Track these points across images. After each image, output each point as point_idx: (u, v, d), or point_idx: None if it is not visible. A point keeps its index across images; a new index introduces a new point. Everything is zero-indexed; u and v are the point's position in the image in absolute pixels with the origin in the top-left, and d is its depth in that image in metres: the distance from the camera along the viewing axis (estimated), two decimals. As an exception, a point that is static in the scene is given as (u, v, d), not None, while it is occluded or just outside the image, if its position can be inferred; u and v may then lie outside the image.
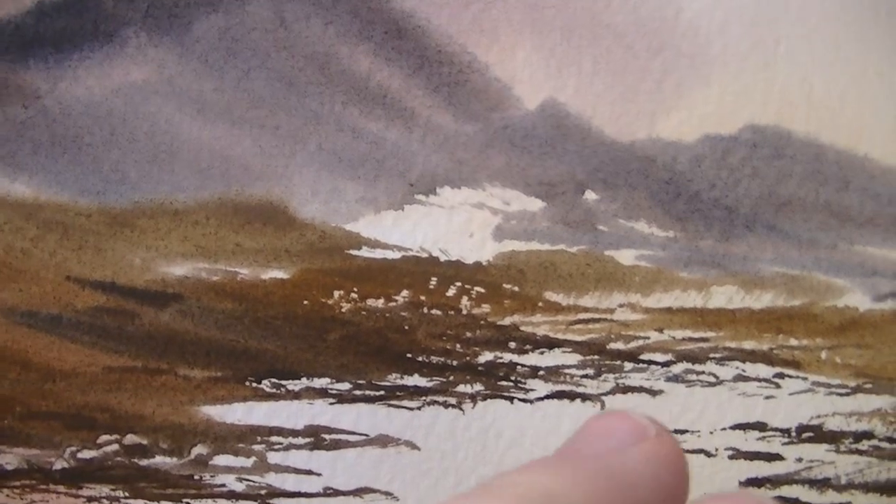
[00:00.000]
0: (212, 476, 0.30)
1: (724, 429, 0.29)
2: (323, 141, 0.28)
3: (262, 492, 0.29)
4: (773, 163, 0.29)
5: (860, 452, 0.29)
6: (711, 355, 0.29)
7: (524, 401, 0.29)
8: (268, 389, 0.29)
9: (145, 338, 0.29)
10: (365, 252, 0.29)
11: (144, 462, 0.29)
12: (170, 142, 0.29)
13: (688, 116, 0.28)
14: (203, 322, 0.29)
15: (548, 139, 0.28)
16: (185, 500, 0.30)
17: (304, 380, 0.29)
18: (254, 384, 0.29)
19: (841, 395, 0.29)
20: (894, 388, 0.29)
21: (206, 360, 0.29)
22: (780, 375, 0.29)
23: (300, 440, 0.29)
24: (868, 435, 0.29)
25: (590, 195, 0.28)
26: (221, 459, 0.29)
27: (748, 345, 0.29)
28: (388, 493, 0.29)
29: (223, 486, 0.30)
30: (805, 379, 0.29)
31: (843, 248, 0.29)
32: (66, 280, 0.29)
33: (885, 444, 0.29)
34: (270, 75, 0.28)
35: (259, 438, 0.29)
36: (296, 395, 0.29)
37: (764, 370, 0.29)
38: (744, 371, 0.29)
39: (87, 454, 0.29)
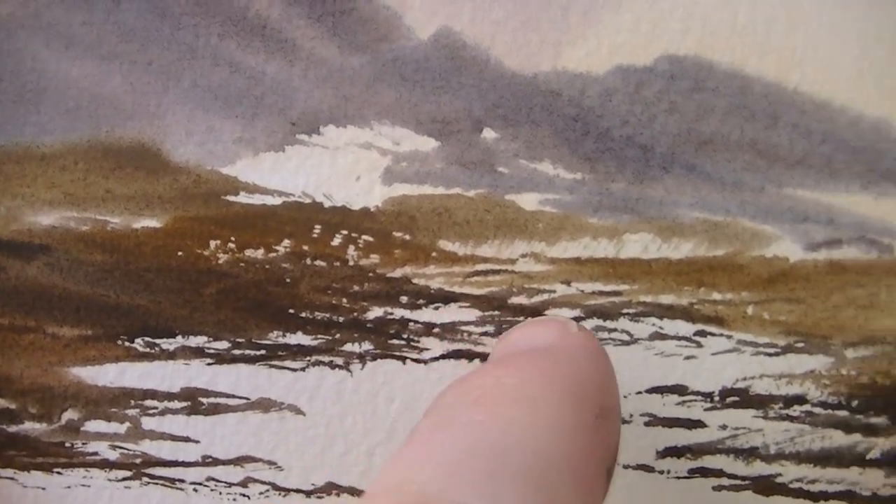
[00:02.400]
0: (84, 443, 0.27)
1: (639, 392, 0.26)
2: (198, 77, 0.26)
3: (138, 460, 0.27)
4: (693, 97, 0.26)
5: (791, 419, 0.26)
6: (625, 311, 0.26)
7: (417, 361, 0.26)
8: (141, 349, 0.27)
9: (11, 293, 0.27)
10: (243, 198, 0.26)
11: (13, 428, 0.27)
12: (36, 80, 0.26)
13: (597, 46, 0.26)
14: (72, 275, 0.27)
15: (442, 72, 0.26)
16: (55, 470, 0.27)
17: (179, 338, 0.27)
18: (126, 343, 0.27)
19: (769, 354, 0.26)
20: (828, 347, 0.26)
21: (75, 316, 0.27)
22: (702, 333, 0.26)
23: (176, 404, 0.27)
24: (800, 399, 0.26)
25: (488, 133, 0.26)
26: (93, 425, 0.27)
27: (666, 299, 0.26)
28: (271, 463, 0.27)
29: (96, 454, 0.27)
30: (729, 337, 0.26)
31: (772, 192, 0.26)
32: (-72, 231, 0.27)
33: (818, 410, 0.26)
34: (142, 6, 0.26)
35: (133, 402, 0.27)
36: (171, 355, 0.27)
37: (683, 327, 0.26)
38: (661, 328, 0.26)
39: (-47, 420, 0.27)
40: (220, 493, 0.27)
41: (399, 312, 0.26)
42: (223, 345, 0.26)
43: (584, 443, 0.18)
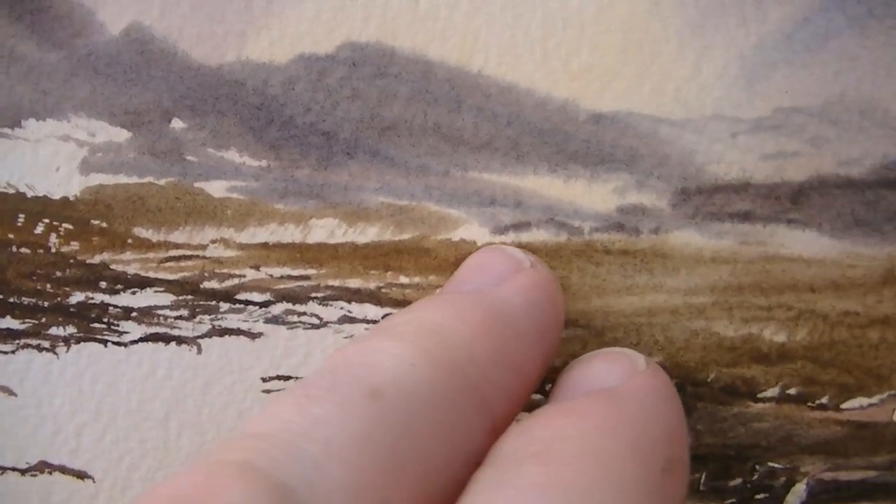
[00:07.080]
0: None
1: (331, 375, 0.27)
2: (-87, 76, 0.28)
3: None
4: (376, 82, 0.26)
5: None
6: (313, 294, 0.27)
7: (118, 344, 0.27)
8: None
9: None
10: (-46, 189, 0.27)
11: None
12: None
13: (280, 35, 0.26)
14: None
15: (133, 65, 0.27)
16: None
17: None
18: None
19: (459, 338, 0.26)
20: (518, 330, 0.26)
21: None
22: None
23: None
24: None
25: (177, 123, 0.27)
26: None
27: (353, 283, 0.27)
28: (-11, 442, 0.28)
29: None
30: (419, 320, 0.26)
31: (457, 175, 0.26)
32: None
33: (509, 393, 0.26)
34: None
35: None
36: None
37: (372, 311, 0.27)
38: (350, 312, 0.27)
39: None
40: (-55, 471, 0.28)
41: (99, 297, 0.27)
42: (-59, 329, 0.28)
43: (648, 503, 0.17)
